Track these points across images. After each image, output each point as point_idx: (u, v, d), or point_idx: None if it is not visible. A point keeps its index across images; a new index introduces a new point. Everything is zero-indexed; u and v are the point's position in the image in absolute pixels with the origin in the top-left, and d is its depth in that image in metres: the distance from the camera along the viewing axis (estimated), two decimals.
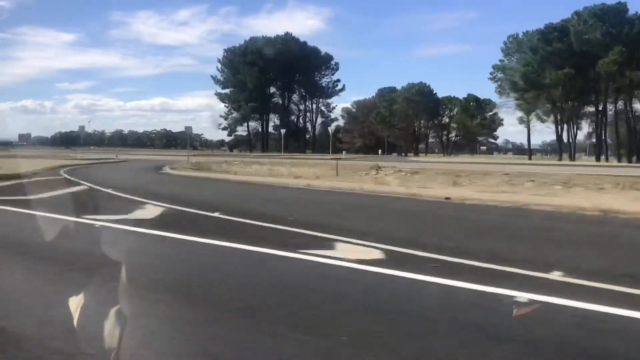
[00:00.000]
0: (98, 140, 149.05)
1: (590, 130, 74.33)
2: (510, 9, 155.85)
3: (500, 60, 73.21)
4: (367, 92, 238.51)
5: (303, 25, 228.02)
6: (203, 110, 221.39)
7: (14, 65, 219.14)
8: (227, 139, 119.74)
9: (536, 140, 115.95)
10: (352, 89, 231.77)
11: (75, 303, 3.67)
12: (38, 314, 3.77)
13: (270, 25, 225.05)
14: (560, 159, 64.03)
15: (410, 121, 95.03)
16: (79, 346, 3.11)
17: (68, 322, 3.40)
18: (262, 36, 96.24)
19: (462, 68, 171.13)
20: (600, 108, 66.38)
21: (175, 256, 6.07)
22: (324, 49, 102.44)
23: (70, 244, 6.63)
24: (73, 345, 3.13)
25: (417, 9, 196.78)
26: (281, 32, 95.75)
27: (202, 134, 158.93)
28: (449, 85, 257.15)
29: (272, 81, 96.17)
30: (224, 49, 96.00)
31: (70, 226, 7.84)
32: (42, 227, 7.51)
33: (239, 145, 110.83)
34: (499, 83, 74.16)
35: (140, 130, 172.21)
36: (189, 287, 4.58)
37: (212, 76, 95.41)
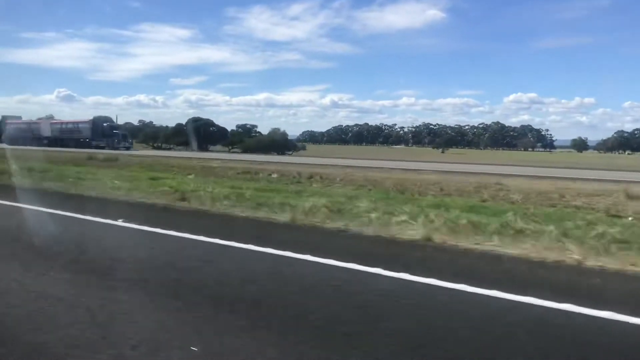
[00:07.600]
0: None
1: None
2: None
3: None
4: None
5: (419, 16, 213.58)
6: (305, 105, 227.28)
7: (132, 61, 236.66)
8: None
9: None
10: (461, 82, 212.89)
11: None
12: None
13: (382, 17, 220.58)
14: None
15: None
16: None
17: None
18: None
19: None
20: None
21: None
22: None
23: None
24: None
25: None
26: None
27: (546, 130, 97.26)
28: None
29: None
30: None
31: None
32: None
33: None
34: None
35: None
36: None
37: None
